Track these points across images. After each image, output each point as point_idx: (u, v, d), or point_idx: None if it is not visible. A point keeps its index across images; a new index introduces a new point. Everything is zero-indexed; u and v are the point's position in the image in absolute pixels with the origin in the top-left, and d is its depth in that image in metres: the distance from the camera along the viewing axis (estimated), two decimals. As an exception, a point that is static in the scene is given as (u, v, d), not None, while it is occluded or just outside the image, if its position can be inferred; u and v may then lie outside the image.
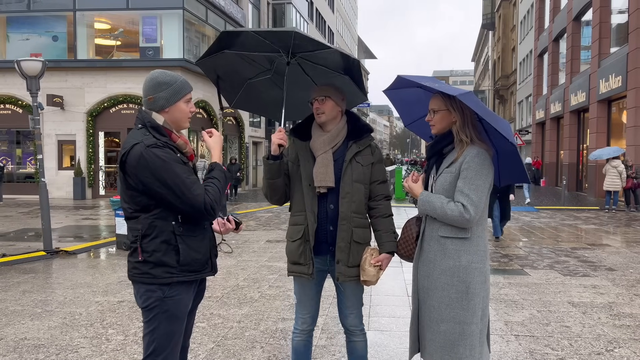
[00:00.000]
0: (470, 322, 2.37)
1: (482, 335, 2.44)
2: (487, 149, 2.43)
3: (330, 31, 47.61)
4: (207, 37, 21.75)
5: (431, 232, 2.47)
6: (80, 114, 19.37)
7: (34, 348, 4.15)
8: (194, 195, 2.23)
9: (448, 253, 2.39)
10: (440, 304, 2.40)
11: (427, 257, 2.46)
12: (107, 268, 7.25)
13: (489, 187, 2.39)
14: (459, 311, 2.36)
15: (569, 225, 11.88)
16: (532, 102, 32.21)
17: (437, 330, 2.41)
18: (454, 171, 2.39)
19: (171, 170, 2.21)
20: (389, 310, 5.13)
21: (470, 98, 2.28)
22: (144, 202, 2.27)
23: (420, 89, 2.65)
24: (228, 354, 4.02)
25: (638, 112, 16.02)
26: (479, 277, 2.39)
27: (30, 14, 19.62)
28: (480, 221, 2.42)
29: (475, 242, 2.40)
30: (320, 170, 2.73)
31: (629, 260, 7.75)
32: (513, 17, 42.12)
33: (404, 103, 2.87)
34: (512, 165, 2.57)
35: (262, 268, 7.15)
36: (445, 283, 2.39)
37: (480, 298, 2.39)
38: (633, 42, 16.19)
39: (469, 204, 2.31)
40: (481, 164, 2.36)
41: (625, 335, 4.45)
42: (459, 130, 2.43)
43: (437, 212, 2.38)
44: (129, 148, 2.23)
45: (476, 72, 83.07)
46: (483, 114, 2.30)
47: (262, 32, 2.81)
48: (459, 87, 2.43)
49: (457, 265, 2.37)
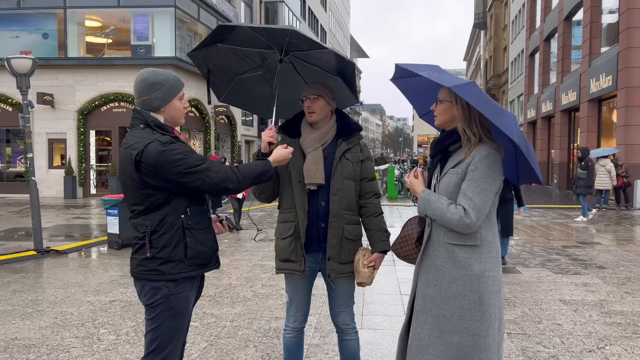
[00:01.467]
0: (486, 335, 2.19)
1: (500, 348, 2.28)
2: (498, 149, 2.22)
3: (323, 30, 47.59)
4: (199, 35, 21.65)
5: (438, 237, 2.28)
6: (71, 112, 19.23)
7: (25, 348, 4.11)
8: (215, 173, 2.34)
9: (458, 261, 2.21)
10: (452, 314, 2.21)
11: (434, 264, 2.28)
12: (98, 267, 7.20)
13: (497, 192, 2.21)
14: (472, 323, 2.19)
15: (560, 223, 11.96)
16: (524, 101, 32.39)
17: (449, 341, 2.21)
18: (460, 172, 2.21)
19: (193, 158, 2.30)
20: (382, 309, 5.14)
21: (468, 90, 2.07)
22: (161, 199, 2.31)
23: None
24: (221, 353, 4.01)
25: (628, 111, 16.16)
26: (493, 287, 2.20)
27: (21, 12, 19.42)
28: (489, 226, 2.24)
29: (487, 248, 2.22)
30: (311, 168, 2.73)
31: (620, 258, 7.82)
32: (505, 17, 42.30)
33: (415, 92, 2.67)
34: (525, 163, 2.32)
35: (255, 267, 7.14)
36: (456, 293, 2.21)
37: (495, 308, 2.21)
38: (623, 42, 16.32)
39: (471, 209, 2.13)
40: (490, 166, 2.17)
41: (616, 332, 4.49)
42: (463, 126, 2.23)
43: (435, 213, 2.21)
44: (143, 147, 2.25)
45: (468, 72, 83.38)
46: (482, 108, 2.06)
47: (258, 29, 2.79)
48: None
49: (469, 275, 2.19)
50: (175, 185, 2.29)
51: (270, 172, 2.53)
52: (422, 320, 2.30)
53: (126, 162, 2.30)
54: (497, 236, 2.29)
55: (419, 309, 2.32)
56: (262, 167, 2.50)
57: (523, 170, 2.40)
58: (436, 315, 2.25)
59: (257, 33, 2.79)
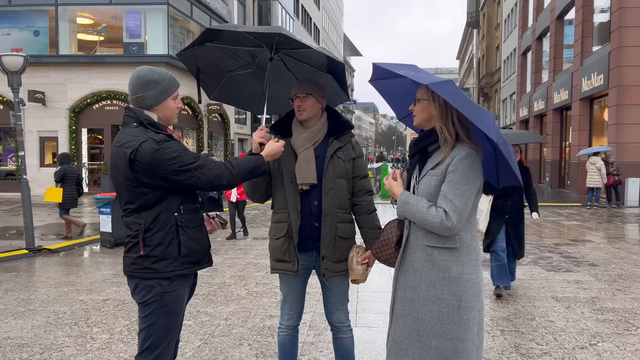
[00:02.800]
0: (464, 339, 2.16)
1: (480, 351, 2.25)
2: (477, 150, 2.19)
3: (316, 28, 47.54)
4: (191, 33, 21.57)
5: (416, 239, 2.24)
6: (63, 110, 19.09)
7: (18, 347, 4.08)
8: (209, 170, 2.34)
9: (436, 264, 2.18)
10: (431, 317, 2.18)
11: (412, 266, 2.24)
12: (91, 266, 7.17)
13: (477, 193, 2.18)
14: (450, 326, 2.16)
15: (552, 221, 12.03)
16: (516, 99, 32.54)
17: (428, 345, 2.19)
18: (440, 174, 2.17)
19: (188, 156, 2.30)
20: (375, 307, 5.14)
21: (446, 88, 2.03)
22: (155, 197, 2.30)
23: (408, 79, 2.41)
24: (215, 351, 4.00)
25: (619, 110, 16.28)
26: (471, 290, 2.17)
27: (12, 9, 19.26)
28: (469, 228, 2.21)
29: (466, 251, 2.18)
30: (303, 168, 2.73)
31: (611, 255, 7.88)
32: (497, 16, 42.46)
33: (393, 95, 2.65)
34: (504, 164, 2.29)
35: (248, 265, 7.13)
36: (434, 296, 2.18)
37: (475, 311, 2.19)
38: (615, 41, 16.44)
39: (452, 211, 2.09)
40: (470, 167, 2.13)
41: (608, 329, 4.52)
42: (440, 124, 2.19)
43: (416, 216, 2.16)
44: (137, 146, 2.23)
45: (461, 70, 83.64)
46: (459, 105, 2.00)
47: (248, 32, 2.77)
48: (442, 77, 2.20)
49: (447, 277, 2.16)
50: (170, 183, 2.29)
51: (263, 166, 2.54)
52: (401, 324, 2.27)
53: (119, 161, 2.28)
54: (476, 238, 2.26)
55: (397, 313, 2.29)
56: (255, 162, 2.51)
57: (503, 171, 2.37)
58: (415, 319, 2.23)
59: (246, 34, 2.78)
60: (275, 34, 2.68)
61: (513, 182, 2.32)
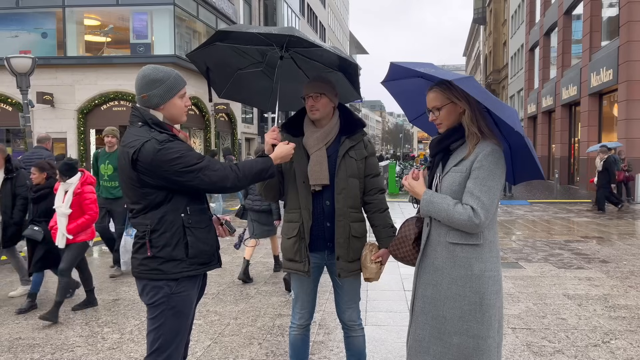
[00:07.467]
0: (486, 336, 2.15)
1: (500, 349, 2.24)
2: (500, 145, 2.19)
3: (322, 26, 47.50)
4: (198, 33, 21.61)
5: (438, 237, 2.23)
6: (71, 112, 19.19)
7: (29, 347, 4.10)
8: (213, 172, 2.30)
9: (458, 261, 2.17)
10: (452, 315, 2.17)
11: (433, 264, 2.24)
12: (101, 266, 7.19)
13: (502, 189, 2.18)
14: (472, 324, 2.15)
15: (562, 218, 11.95)
16: (524, 96, 32.33)
17: (449, 342, 2.18)
18: (464, 170, 2.15)
19: (191, 156, 2.26)
20: (385, 305, 5.12)
21: (470, 83, 2.04)
22: (159, 197, 2.28)
23: (422, 79, 2.44)
24: (225, 351, 4.00)
25: (629, 105, 16.12)
26: (493, 287, 2.16)
27: (19, 11, 19.37)
28: (492, 225, 2.20)
29: (488, 248, 2.17)
30: (315, 169, 2.71)
31: (622, 252, 7.81)
32: (504, 12, 42.20)
33: (406, 96, 2.63)
34: (524, 159, 2.30)
35: (257, 264, 7.13)
36: (456, 294, 2.17)
37: (496, 309, 2.18)
38: (624, 36, 16.28)
39: (480, 208, 2.07)
40: (495, 163, 2.12)
41: (620, 326, 4.48)
42: (469, 122, 2.18)
43: (442, 214, 2.14)
44: (140, 146, 2.21)
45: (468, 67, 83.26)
46: (485, 101, 2.03)
47: (260, 33, 2.75)
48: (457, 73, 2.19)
49: (469, 275, 2.15)
50: (172, 184, 2.26)
51: (271, 169, 2.48)
52: (422, 322, 2.26)
53: (124, 161, 2.27)
54: (497, 235, 2.26)
55: (418, 310, 2.29)
56: (263, 164, 2.44)
57: (520, 168, 2.37)
58: (436, 316, 2.22)
59: (258, 35, 2.77)
60: (287, 36, 2.66)
61: (532, 176, 2.31)
